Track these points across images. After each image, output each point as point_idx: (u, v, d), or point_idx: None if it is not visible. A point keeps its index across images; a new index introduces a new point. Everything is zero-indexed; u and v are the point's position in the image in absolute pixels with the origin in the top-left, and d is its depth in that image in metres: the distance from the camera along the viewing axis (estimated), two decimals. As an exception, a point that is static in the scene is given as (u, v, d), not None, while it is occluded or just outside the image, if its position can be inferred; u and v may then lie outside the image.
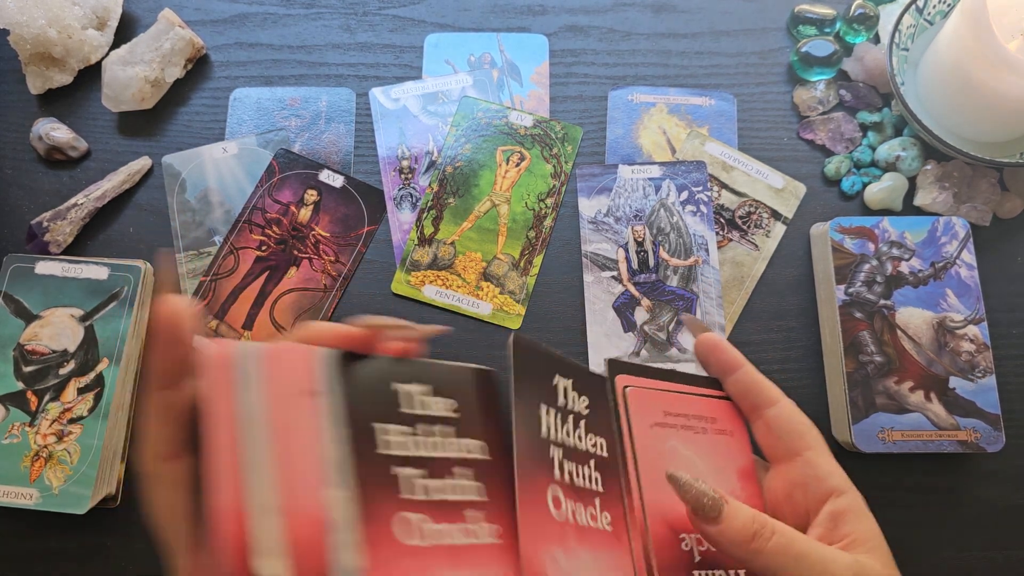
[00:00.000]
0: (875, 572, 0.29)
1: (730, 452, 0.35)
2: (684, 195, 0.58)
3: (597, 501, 0.29)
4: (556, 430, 0.29)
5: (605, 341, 0.55)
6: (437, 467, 0.26)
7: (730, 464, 0.34)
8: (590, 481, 0.29)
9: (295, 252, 0.57)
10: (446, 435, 0.28)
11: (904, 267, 0.53)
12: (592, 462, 0.30)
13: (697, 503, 0.29)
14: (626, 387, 0.32)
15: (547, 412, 0.28)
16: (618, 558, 0.29)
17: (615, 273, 0.56)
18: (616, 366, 0.33)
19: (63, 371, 0.51)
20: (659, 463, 0.31)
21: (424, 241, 0.57)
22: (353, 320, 0.28)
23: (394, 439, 0.26)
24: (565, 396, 0.30)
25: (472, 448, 0.28)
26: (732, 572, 0.31)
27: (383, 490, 0.25)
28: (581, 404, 0.31)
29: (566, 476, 0.28)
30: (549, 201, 0.58)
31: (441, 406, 0.28)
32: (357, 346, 0.27)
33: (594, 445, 0.30)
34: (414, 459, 0.26)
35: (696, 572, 0.31)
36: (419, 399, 0.28)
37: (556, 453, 0.28)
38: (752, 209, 0.58)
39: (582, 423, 0.30)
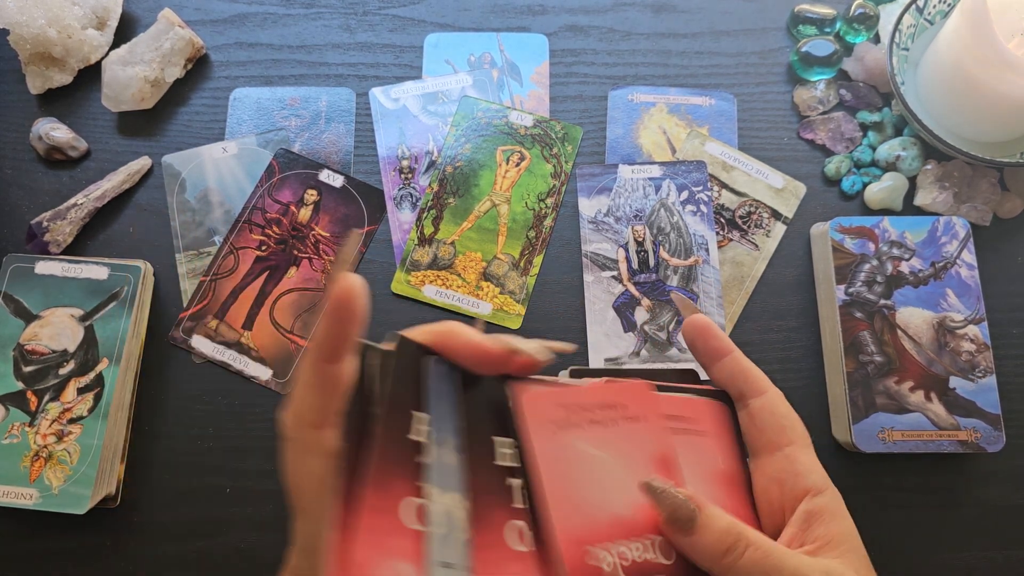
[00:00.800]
0: None
1: (645, 439, 0.31)
2: (684, 195, 0.58)
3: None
4: (505, 457, 0.27)
5: (605, 341, 0.55)
6: None
7: (643, 452, 0.31)
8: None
9: (295, 252, 0.57)
10: None
11: (904, 267, 0.53)
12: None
13: (673, 513, 0.28)
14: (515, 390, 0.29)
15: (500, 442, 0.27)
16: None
17: (615, 273, 0.56)
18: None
19: (63, 371, 0.51)
20: (565, 470, 0.28)
21: (424, 241, 0.57)
22: (493, 337, 0.28)
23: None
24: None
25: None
26: None
27: None
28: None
29: (524, 503, 0.27)
30: (549, 201, 0.58)
31: None
32: (490, 362, 0.28)
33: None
34: None
35: None
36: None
37: (514, 482, 0.27)
38: (752, 209, 0.58)
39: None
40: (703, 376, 0.35)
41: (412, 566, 0.24)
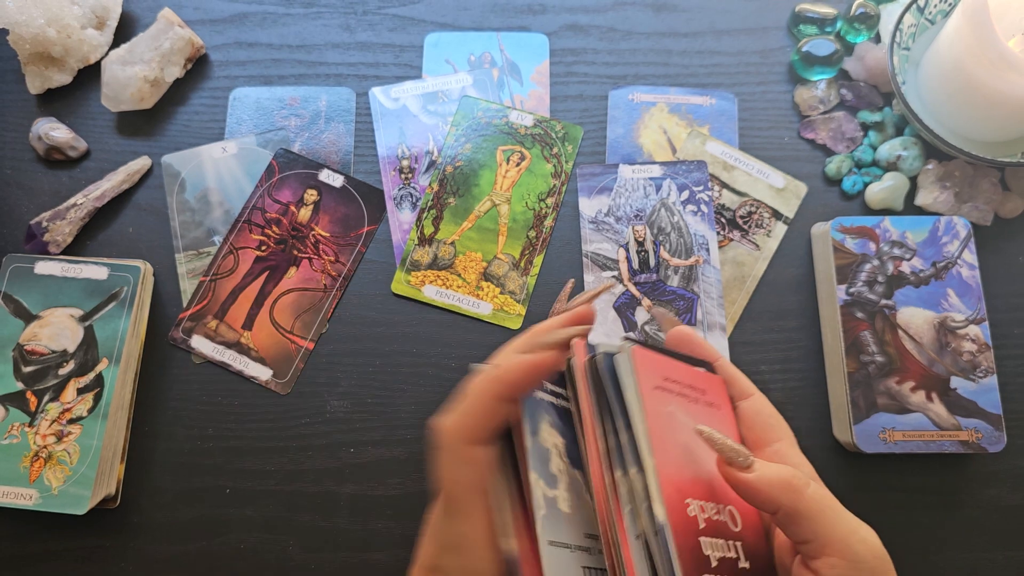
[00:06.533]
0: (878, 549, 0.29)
1: (721, 425, 0.35)
2: (685, 195, 0.58)
3: None
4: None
5: (605, 341, 0.55)
6: None
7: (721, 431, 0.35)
8: None
9: (295, 252, 0.57)
10: None
11: (905, 267, 0.53)
12: None
13: (728, 452, 0.29)
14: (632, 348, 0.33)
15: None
16: None
17: (616, 273, 0.56)
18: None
19: (62, 371, 0.51)
20: (665, 426, 0.32)
21: (424, 241, 0.57)
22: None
23: None
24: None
25: None
26: (731, 543, 0.31)
27: None
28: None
29: None
30: (549, 201, 0.58)
31: None
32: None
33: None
34: None
35: (702, 538, 0.30)
36: None
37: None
38: (753, 209, 0.58)
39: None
40: None
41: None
